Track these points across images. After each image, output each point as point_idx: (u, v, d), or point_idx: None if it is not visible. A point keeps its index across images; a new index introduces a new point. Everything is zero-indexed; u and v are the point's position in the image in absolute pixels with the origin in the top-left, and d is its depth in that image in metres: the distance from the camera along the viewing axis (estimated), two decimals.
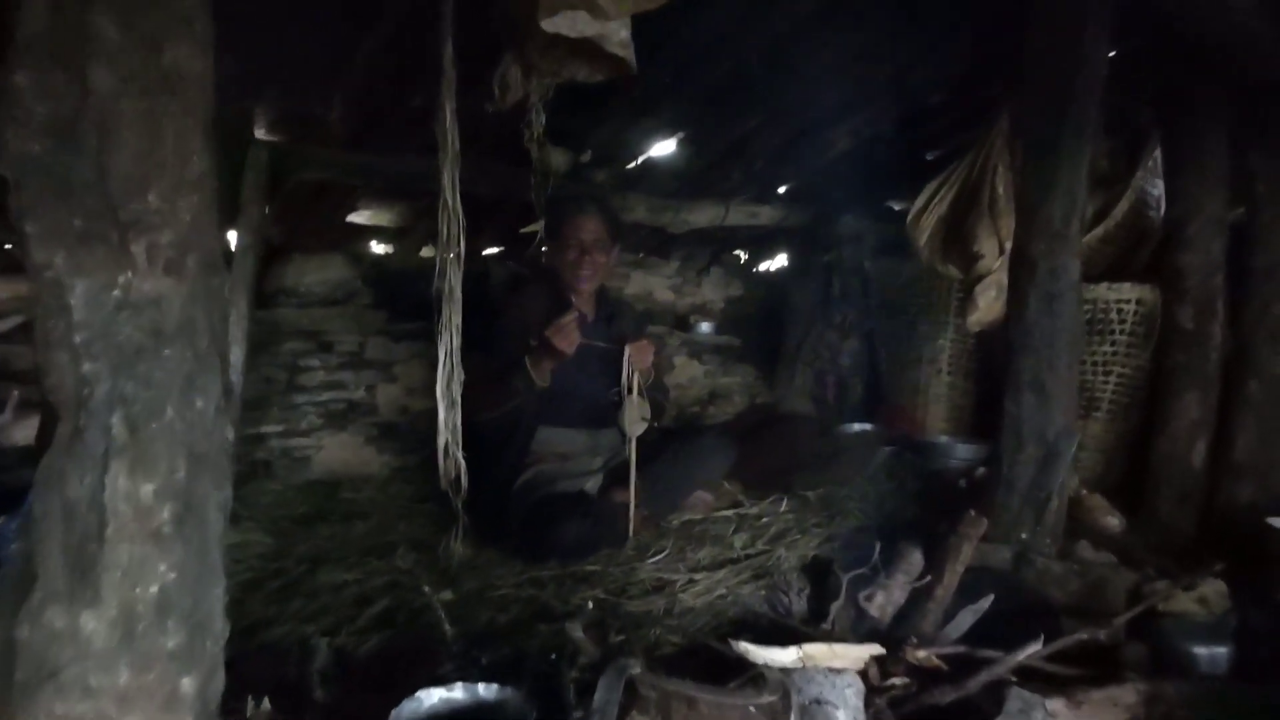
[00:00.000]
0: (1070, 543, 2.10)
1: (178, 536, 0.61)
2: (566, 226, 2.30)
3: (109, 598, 0.57)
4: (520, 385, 2.17)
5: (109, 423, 0.56)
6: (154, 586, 0.59)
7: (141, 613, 0.59)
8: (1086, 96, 1.92)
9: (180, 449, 0.60)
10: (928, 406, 3.27)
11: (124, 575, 0.58)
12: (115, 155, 0.56)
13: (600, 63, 1.20)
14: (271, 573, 1.87)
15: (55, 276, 0.55)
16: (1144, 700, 1.38)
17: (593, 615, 1.28)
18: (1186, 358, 2.45)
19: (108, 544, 0.57)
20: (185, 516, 0.61)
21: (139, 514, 0.58)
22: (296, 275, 2.66)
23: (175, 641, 0.61)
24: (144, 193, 0.57)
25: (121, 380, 0.57)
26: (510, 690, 0.86)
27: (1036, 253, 1.95)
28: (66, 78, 0.55)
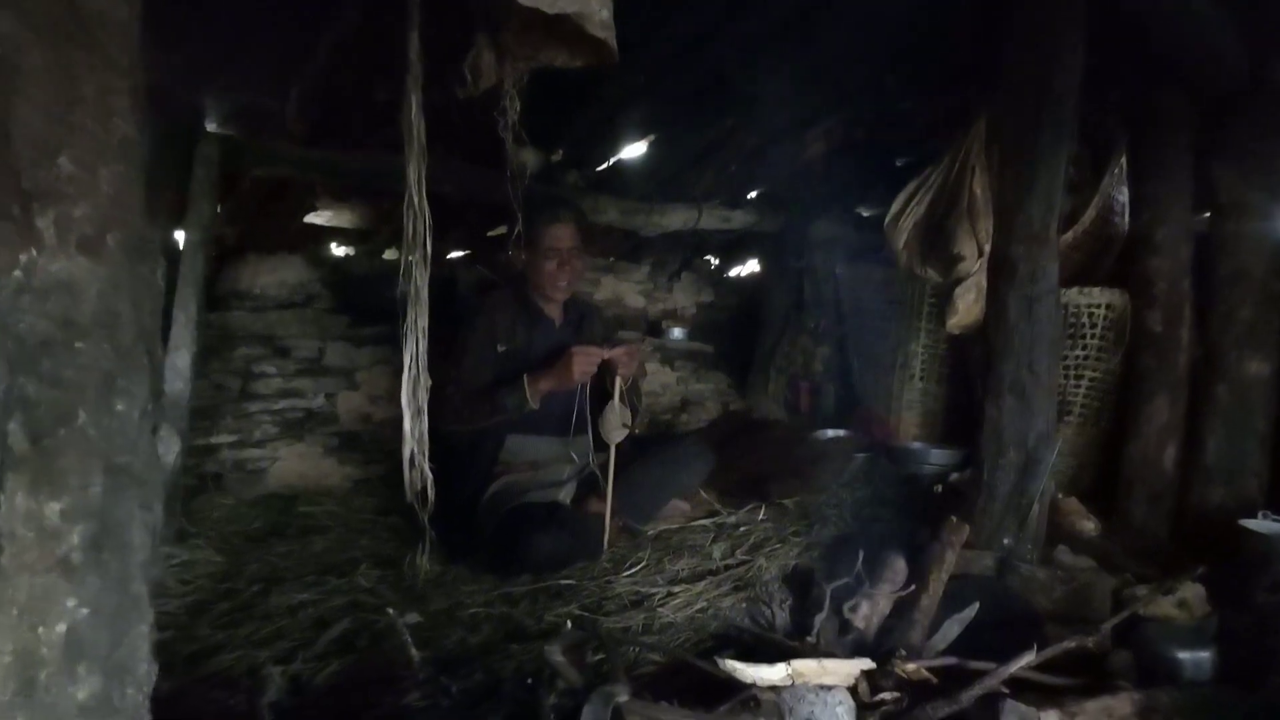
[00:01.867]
0: (1048, 548, 2.09)
1: (91, 565, 0.51)
2: (544, 235, 2.22)
3: (3, 641, 0.47)
4: (511, 404, 2.08)
5: (6, 429, 0.47)
6: (60, 625, 0.49)
7: (45, 657, 0.49)
8: (1064, 100, 1.92)
9: (95, 461, 0.51)
10: (901, 412, 3.26)
11: (22, 613, 0.48)
12: (19, 113, 0.47)
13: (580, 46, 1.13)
14: (221, 594, 1.74)
15: None
16: (1139, 710, 1.35)
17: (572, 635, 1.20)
18: (1156, 362, 2.47)
19: (3, 575, 0.47)
20: (101, 541, 0.52)
21: (42, 539, 0.48)
22: (251, 277, 2.53)
23: (87, 691, 0.51)
24: (53, 157, 0.48)
25: (22, 379, 0.47)
26: None
27: (1016, 255, 1.94)
28: None
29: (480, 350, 2.18)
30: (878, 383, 3.37)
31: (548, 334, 2.28)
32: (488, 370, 2.16)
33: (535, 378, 2.09)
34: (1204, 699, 1.42)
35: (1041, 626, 1.73)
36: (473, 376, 2.14)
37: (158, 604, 1.62)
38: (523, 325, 2.28)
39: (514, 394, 2.07)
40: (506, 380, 2.12)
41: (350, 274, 2.85)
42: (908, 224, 2.25)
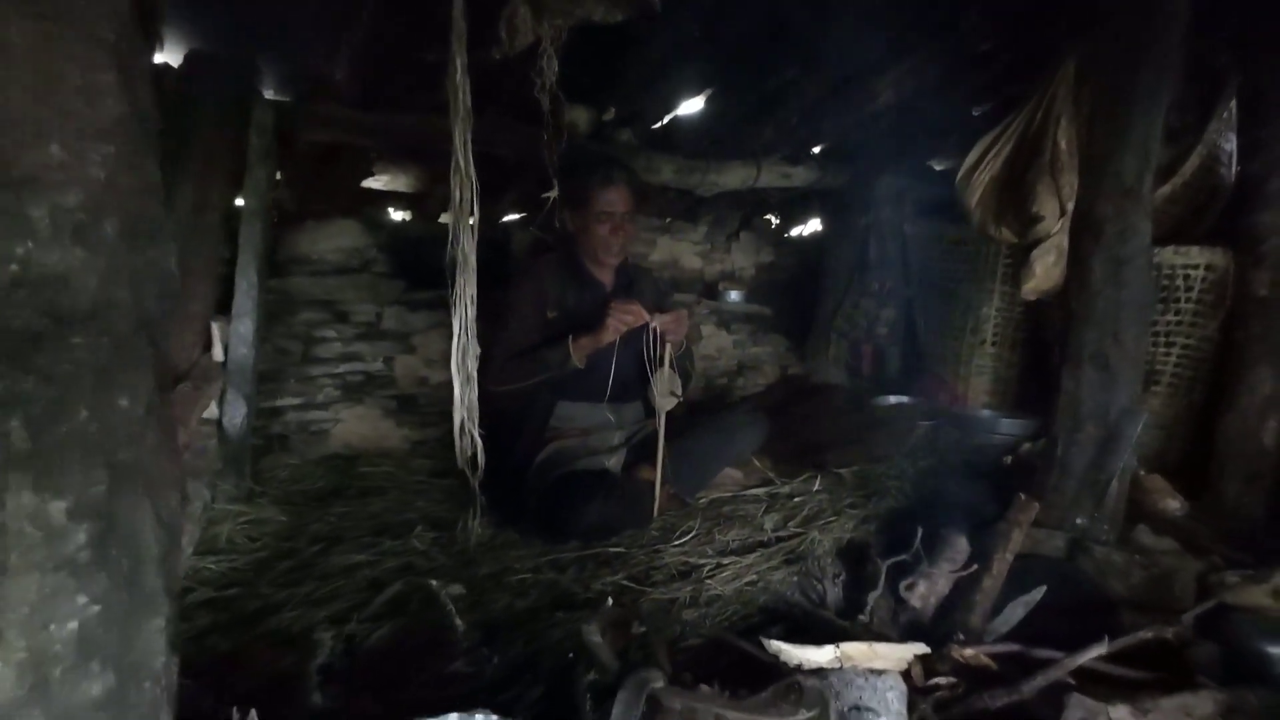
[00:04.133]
0: (1128, 527, 1.96)
1: (99, 563, 0.51)
2: (596, 198, 2.16)
3: (15, 639, 0.48)
4: (554, 361, 2.06)
5: (6, 428, 0.46)
6: (71, 623, 0.50)
7: (58, 654, 0.49)
8: (1165, 38, 1.72)
9: (97, 457, 0.50)
10: (970, 378, 3.11)
11: (33, 611, 0.48)
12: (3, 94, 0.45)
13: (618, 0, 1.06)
14: (284, 552, 1.81)
15: None
16: (1221, 710, 1.25)
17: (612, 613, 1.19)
18: (1261, 328, 2.25)
19: (11, 575, 0.47)
20: (108, 538, 0.51)
21: (49, 538, 0.48)
22: (310, 242, 2.57)
23: (101, 687, 0.51)
24: (43, 143, 0.46)
25: (17, 375, 0.47)
26: None
27: (1103, 213, 1.77)
28: None
29: (527, 314, 2.16)
30: (946, 347, 3.21)
31: (597, 298, 2.25)
32: (535, 335, 2.15)
33: (578, 335, 2.06)
34: None
35: (1115, 614, 1.63)
36: (518, 340, 2.13)
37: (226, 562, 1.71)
38: (573, 290, 2.25)
39: (557, 352, 2.05)
40: (551, 340, 2.10)
41: (406, 238, 2.86)
42: (983, 179, 2.08)
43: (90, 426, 0.49)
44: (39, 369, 0.47)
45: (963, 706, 1.30)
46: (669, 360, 2.07)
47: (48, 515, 0.48)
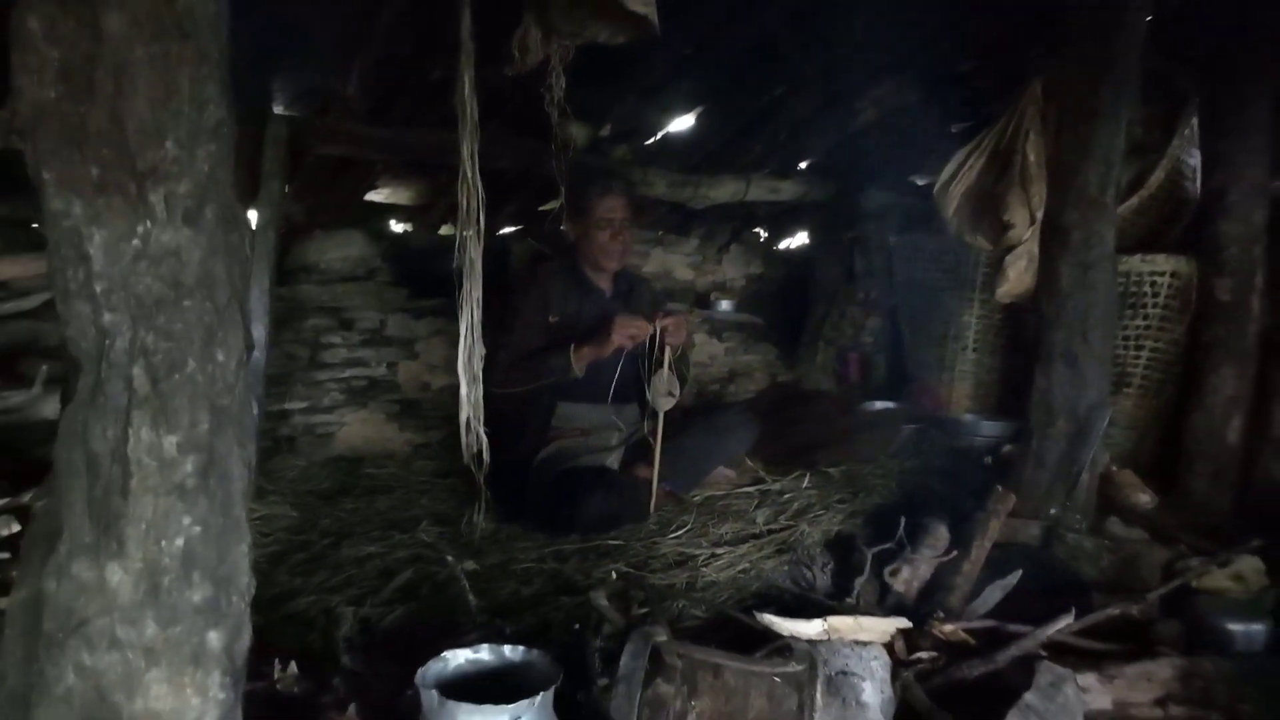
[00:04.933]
0: (1100, 519, 2.06)
1: (201, 490, 0.60)
2: (597, 206, 2.27)
3: (134, 551, 0.57)
4: (557, 368, 2.16)
5: (130, 374, 0.55)
6: (179, 540, 0.59)
7: (167, 566, 0.58)
8: (1126, 58, 1.86)
9: (203, 402, 0.59)
10: (953, 383, 3.22)
11: (148, 528, 0.57)
12: (130, 102, 0.55)
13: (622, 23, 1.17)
14: (297, 545, 1.89)
15: (74, 225, 0.55)
16: (1179, 676, 1.35)
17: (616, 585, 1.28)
18: (1224, 331, 2.38)
19: (132, 496, 0.56)
20: (209, 470, 0.60)
21: (162, 467, 0.57)
22: (318, 252, 2.66)
23: (201, 596, 0.60)
24: (161, 140, 0.56)
25: (142, 331, 0.56)
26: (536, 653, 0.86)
27: (1070, 221, 1.90)
28: (79, 22, 0.54)
29: (532, 319, 2.26)
30: (929, 354, 3.33)
31: (598, 304, 2.35)
32: (539, 338, 2.24)
33: (580, 345, 2.16)
34: (1251, 669, 1.41)
35: (1087, 595, 1.73)
36: (523, 343, 2.22)
37: None
38: (574, 296, 2.35)
39: (559, 359, 2.15)
40: (554, 346, 2.19)
41: (409, 248, 2.97)
42: (958, 190, 2.21)
43: (197, 376, 0.59)
44: (158, 327, 0.56)
45: (943, 676, 1.39)
46: (668, 362, 2.17)
47: (162, 448, 0.57)
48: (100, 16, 0.53)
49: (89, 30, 0.53)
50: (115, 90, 0.54)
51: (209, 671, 0.61)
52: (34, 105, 0.53)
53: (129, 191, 0.55)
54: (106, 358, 0.55)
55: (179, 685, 0.58)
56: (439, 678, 0.81)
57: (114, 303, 0.55)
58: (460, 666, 0.85)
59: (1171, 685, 1.34)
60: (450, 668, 0.84)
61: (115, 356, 0.55)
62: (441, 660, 0.84)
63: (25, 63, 0.52)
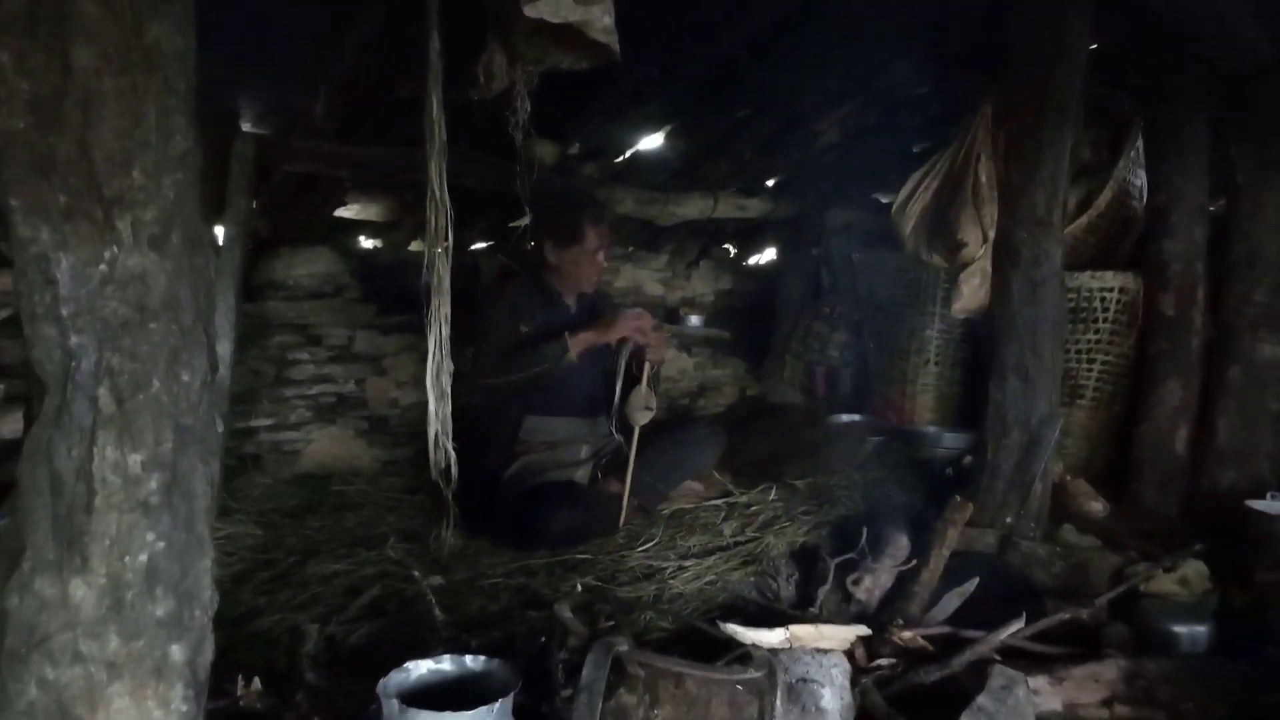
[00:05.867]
0: (1055, 527, 2.13)
1: (165, 507, 0.62)
2: (591, 235, 2.31)
3: (98, 566, 0.58)
4: (552, 355, 2.18)
5: (96, 394, 0.57)
6: (142, 555, 0.60)
7: (130, 581, 0.60)
8: (1067, 86, 1.95)
9: (167, 421, 0.61)
10: (915, 396, 3.30)
11: (112, 544, 0.59)
12: (98, 132, 0.57)
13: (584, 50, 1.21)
14: (262, 564, 1.87)
15: (41, 251, 0.56)
16: (1124, 676, 1.40)
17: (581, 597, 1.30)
18: (1169, 345, 2.49)
19: (96, 513, 0.58)
20: (172, 487, 0.62)
21: (127, 484, 0.59)
22: (285, 268, 2.65)
23: (164, 610, 0.62)
24: (128, 169, 0.58)
25: (108, 353, 0.58)
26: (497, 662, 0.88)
27: (1020, 240, 1.98)
28: (48, 55, 0.56)
29: (505, 325, 2.28)
30: (893, 367, 3.41)
31: (563, 319, 2.38)
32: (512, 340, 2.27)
33: (576, 330, 2.18)
34: (1193, 669, 1.47)
35: (1040, 601, 1.79)
36: (504, 342, 2.25)
37: None
38: (540, 310, 2.37)
39: (554, 345, 2.17)
40: (547, 334, 2.21)
41: (377, 265, 2.97)
42: (915, 210, 2.29)
43: (162, 396, 0.60)
44: (124, 349, 0.58)
45: (901, 682, 1.43)
46: (646, 378, 2.21)
47: (126, 466, 0.59)
48: (70, 50, 0.55)
49: (58, 63, 0.55)
50: (83, 121, 0.56)
51: (171, 684, 0.62)
52: (2, 134, 0.55)
53: (96, 218, 0.57)
54: (72, 379, 0.57)
55: (141, 698, 0.60)
56: (401, 687, 0.83)
57: (80, 325, 0.57)
58: (422, 676, 0.86)
59: (1117, 686, 1.40)
60: (412, 678, 0.85)
61: (81, 378, 0.57)
62: (404, 671, 0.85)
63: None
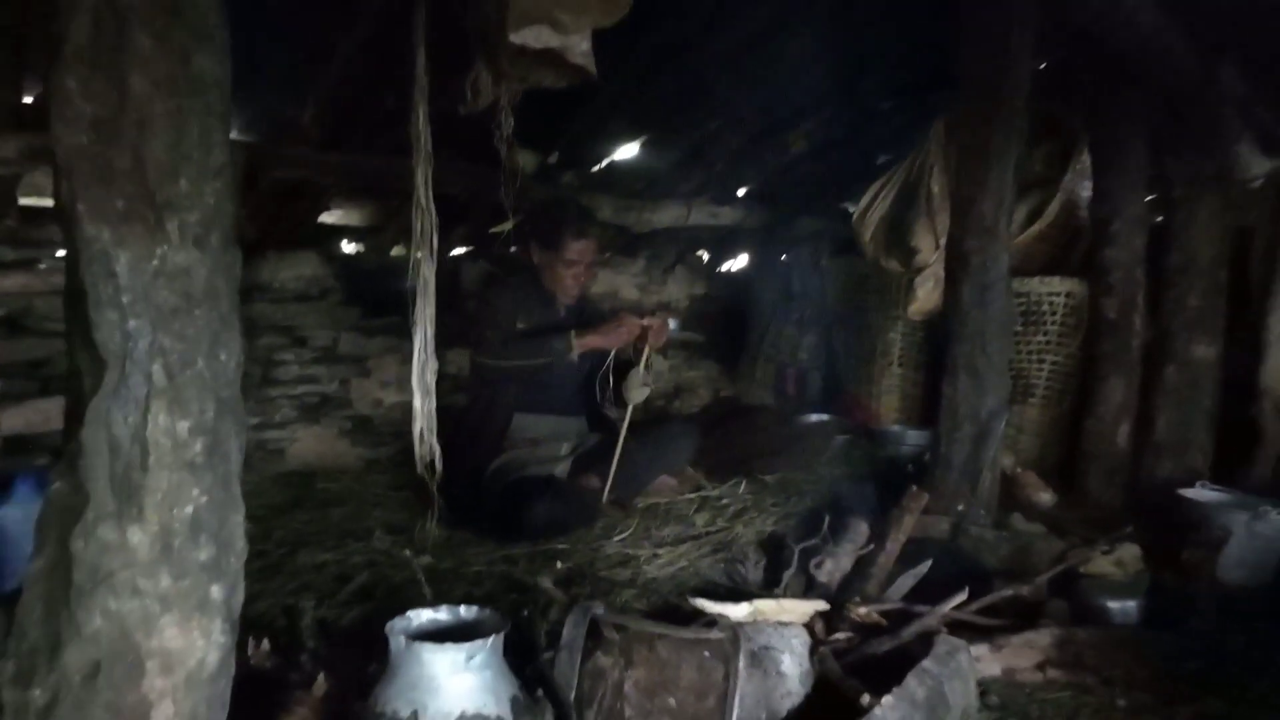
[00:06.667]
0: (1005, 515, 2.28)
1: (207, 467, 0.71)
2: (569, 247, 2.41)
3: (151, 516, 0.68)
4: (557, 350, 2.28)
5: (150, 370, 0.67)
6: (188, 508, 0.70)
7: (178, 530, 0.69)
8: (1012, 103, 2.10)
9: (209, 394, 0.71)
10: (881, 397, 3.45)
11: (163, 498, 0.68)
12: (150, 147, 0.66)
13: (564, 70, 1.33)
14: (254, 554, 1.92)
15: (103, 248, 0.66)
16: (1057, 643, 1.54)
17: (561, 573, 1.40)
18: (1111, 346, 2.66)
19: (150, 471, 0.67)
20: (213, 450, 0.72)
21: (176, 446, 0.69)
22: (271, 272, 2.73)
23: (206, 555, 0.71)
24: (175, 179, 0.68)
25: (160, 335, 0.67)
26: (488, 611, 0.98)
27: (969, 247, 2.12)
28: (108, 82, 0.65)
29: (508, 313, 2.39)
30: (859, 369, 3.55)
31: (554, 317, 2.50)
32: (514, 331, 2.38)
33: (582, 331, 2.30)
34: (1120, 637, 1.61)
35: (988, 581, 1.92)
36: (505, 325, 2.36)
37: None
38: (536, 307, 2.48)
39: (560, 341, 2.28)
40: (555, 328, 2.32)
41: (361, 269, 3.05)
42: (874, 218, 2.44)
43: (205, 372, 0.70)
44: (174, 331, 0.68)
45: (857, 653, 1.55)
46: (646, 359, 2.31)
47: (176, 431, 0.68)
48: (127, 78, 0.65)
49: (117, 88, 0.65)
50: (138, 137, 0.66)
51: (212, 618, 0.72)
52: (70, 149, 0.65)
53: (149, 220, 0.67)
54: (130, 357, 0.66)
55: (188, 629, 0.69)
56: (405, 631, 0.93)
57: (138, 311, 0.66)
58: (422, 624, 0.96)
59: (1050, 651, 1.53)
60: (413, 625, 0.96)
61: (138, 355, 0.66)
62: (406, 618, 0.95)
63: (63, 114, 0.64)
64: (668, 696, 1.21)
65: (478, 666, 0.85)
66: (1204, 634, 1.68)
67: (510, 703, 0.86)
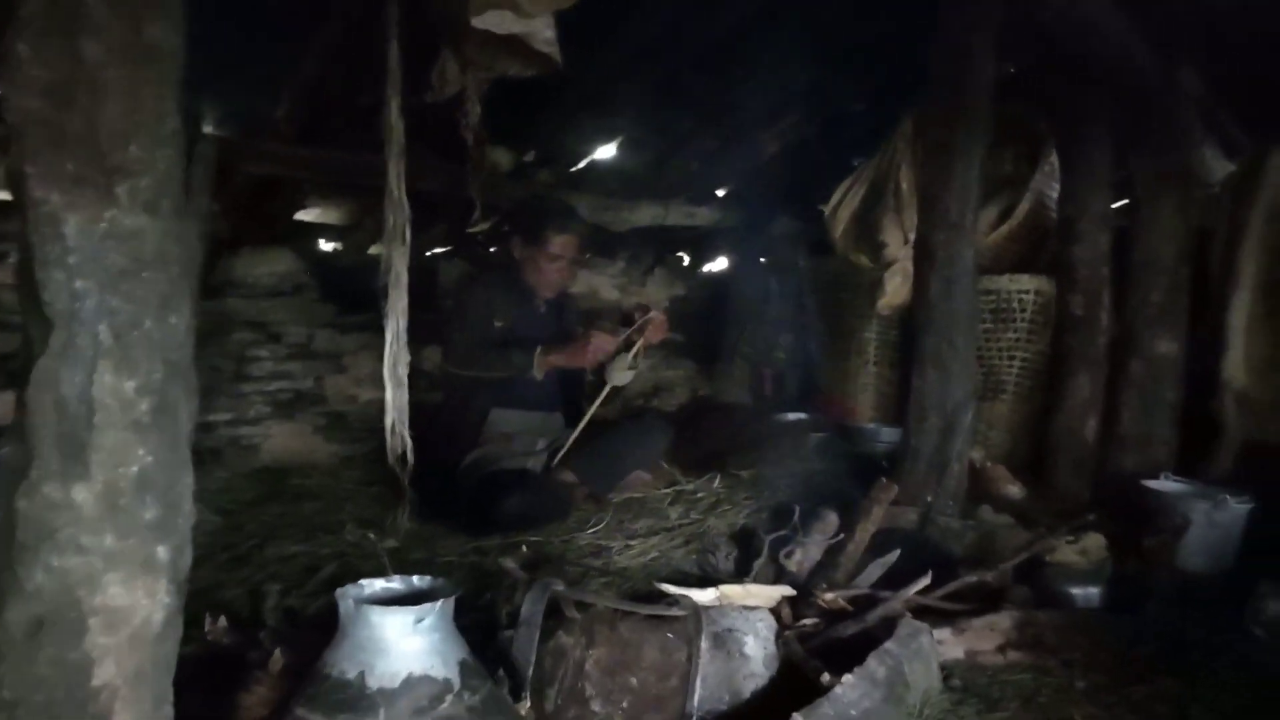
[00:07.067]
0: (974, 508, 2.31)
1: (154, 427, 0.72)
2: (551, 240, 2.41)
3: (97, 474, 0.68)
4: (518, 364, 2.29)
5: (97, 330, 0.67)
6: (134, 467, 0.70)
7: (124, 488, 0.70)
8: (976, 104, 2.15)
9: (157, 355, 0.71)
10: (856, 395, 3.48)
11: (109, 456, 0.69)
12: (102, 113, 0.67)
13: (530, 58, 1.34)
14: (221, 547, 1.93)
15: (51, 211, 0.67)
16: (1017, 625, 1.57)
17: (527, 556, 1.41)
18: (1078, 342, 2.71)
19: (96, 430, 0.68)
20: (161, 411, 0.72)
21: (122, 406, 0.69)
22: (245, 267, 2.72)
23: (152, 514, 0.72)
24: (127, 144, 0.68)
25: (108, 295, 0.68)
26: (441, 580, 0.99)
27: (936, 242, 2.16)
28: (61, 48, 0.66)
29: (481, 314, 2.38)
30: (835, 368, 3.59)
31: (533, 315, 2.50)
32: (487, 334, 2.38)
33: (548, 350, 2.29)
34: (1080, 620, 1.65)
35: (955, 570, 1.95)
36: (476, 332, 2.35)
37: None
38: (514, 303, 2.48)
39: (523, 357, 2.28)
40: (519, 343, 2.32)
41: (336, 266, 3.05)
42: (845, 215, 2.48)
43: (154, 334, 0.71)
44: (122, 291, 0.68)
45: (822, 637, 1.57)
46: (637, 348, 2.35)
47: (122, 391, 0.69)
48: (80, 44, 0.66)
49: (70, 54, 0.66)
50: (91, 103, 0.67)
51: (158, 578, 0.72)
52: (21, 113, 0.66)
53: (99, 184, 0.67)
54: (77, 317, 0.67)
55: (133, 587, 0.70)
56: (356, 597, 0.93)
57: (85, 272, 0.67)
58: (375, 592, 0.97)
59: (1011, 634, 1.56)
60: (366, 593, 0.96)
61: (85, 315, 0.67)
62: (359, 586, 0.96)
63: (13, 79, 0.65)
64: (629, 676, 1.22)
65: (426, 629, 0.86)
66: (1164, 618, 1.72)
67: (459, 666, 0.87)
